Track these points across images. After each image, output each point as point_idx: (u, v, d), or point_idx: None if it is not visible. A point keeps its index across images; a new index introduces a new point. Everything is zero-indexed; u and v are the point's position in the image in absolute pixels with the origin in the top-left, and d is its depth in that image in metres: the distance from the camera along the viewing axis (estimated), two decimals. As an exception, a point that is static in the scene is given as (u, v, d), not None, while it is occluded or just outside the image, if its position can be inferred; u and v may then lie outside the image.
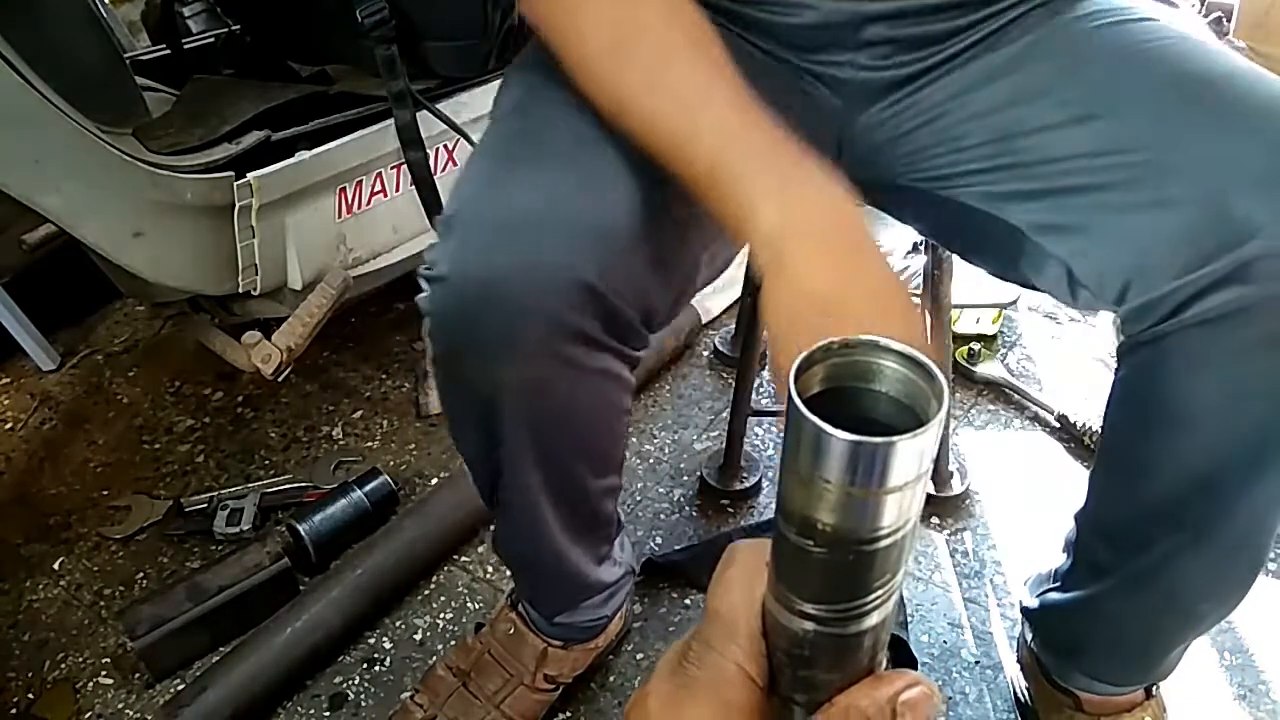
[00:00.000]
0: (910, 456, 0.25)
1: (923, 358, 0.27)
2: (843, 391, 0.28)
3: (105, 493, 1.31)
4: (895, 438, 0.24)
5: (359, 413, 1.43)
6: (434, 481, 1.31)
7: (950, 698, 1.02)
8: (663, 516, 1.25)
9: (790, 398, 0.25)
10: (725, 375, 1.46)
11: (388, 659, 1.09)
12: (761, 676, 0.33)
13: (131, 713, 1.04)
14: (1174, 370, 0.64)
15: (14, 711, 1.04)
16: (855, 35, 0.74)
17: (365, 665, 1.08)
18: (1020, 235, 0.70)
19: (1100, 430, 0.77)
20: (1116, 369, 0.70)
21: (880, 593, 0.29)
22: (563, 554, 0.84)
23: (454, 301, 0.63)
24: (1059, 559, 0.89)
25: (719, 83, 0.61)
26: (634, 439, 1.34)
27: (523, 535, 0.83)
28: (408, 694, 1.01)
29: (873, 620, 0.30)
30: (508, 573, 1.18)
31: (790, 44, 0.76)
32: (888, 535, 0.27)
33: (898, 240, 1.22)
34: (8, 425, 1.44)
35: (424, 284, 0.65)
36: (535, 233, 0.61)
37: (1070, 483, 1.25)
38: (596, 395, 0.70)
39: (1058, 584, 0.88)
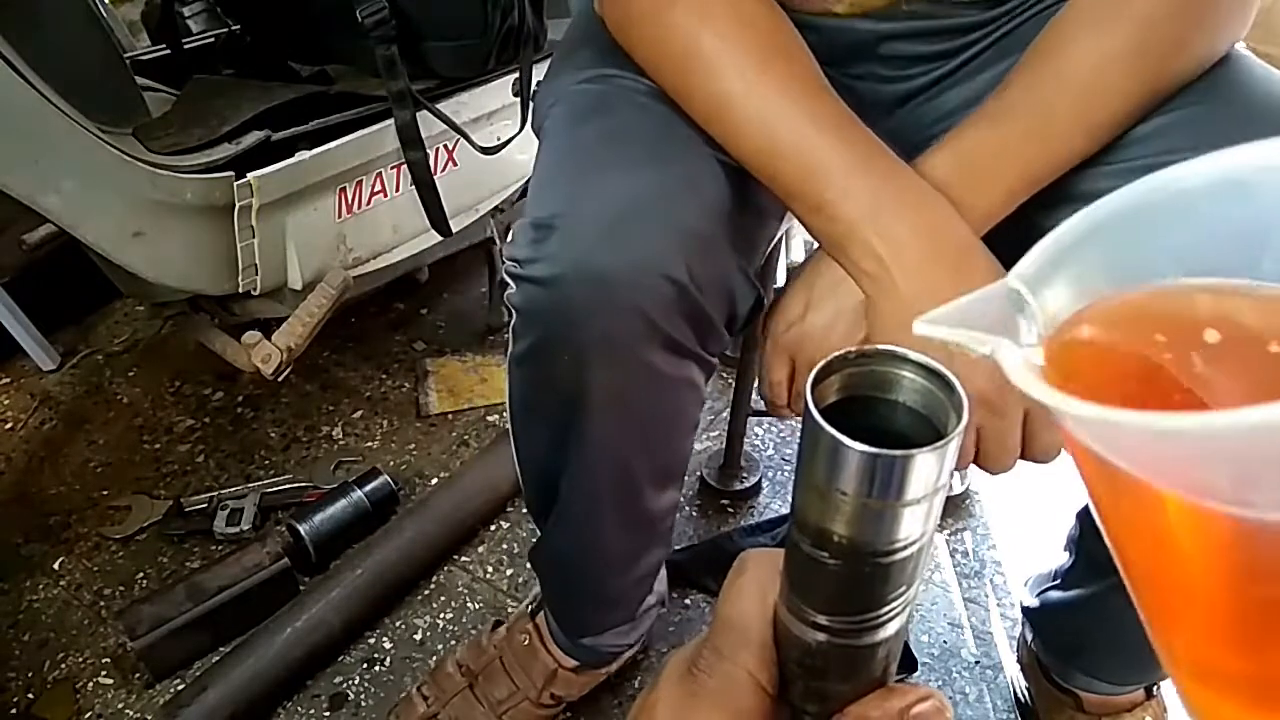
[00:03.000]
0: (929, 469, 0.24)
1: (942, 369, 0.26)
2: (859, 401, 0.27)
3: (105, 493, 1.31)
4: (914, 450, 0.24)
5: (359, 413, 1.43)
6: (434, 481, 1.31)
7: (950, 698, 1.02)
8: (663, 516, 1.25)
9: (806, 407, 0.25)
10: (725, 375, 1.46)
11: (388, 659, 1.09)
12: (772, 685, 0.32)
13: (131, 713, 1.04)
14: None
15: (14, 711, 1.04)
16: (873, 50, 0.74)
17: (365, 665, 1.08)
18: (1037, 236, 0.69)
19: None
20: None
21: (895, 605, 0.29)
22: (610, 573, 0.83)
23: (556, 300, 0.62)
24: (1060, 558, 0.89)
25: (799, 94, 0.62)
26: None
27: (575, 548, 0.81)
28: (415, 685, 1.01)
29: (886, 632, 0.30)
30: (508, 573, 1.18)
31: None
32: (904, 548, 0.26)
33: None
34: (8, 425, 1.43)
35: (514, 283, 0.64)
36: (640, 232, 0.61)
37: (1070, 482, 1.25)
38: (675, 404, 0.70)
39: (1058, 582, 0.87)
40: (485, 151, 1.28)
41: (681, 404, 0.70)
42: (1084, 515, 0.82)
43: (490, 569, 1.19)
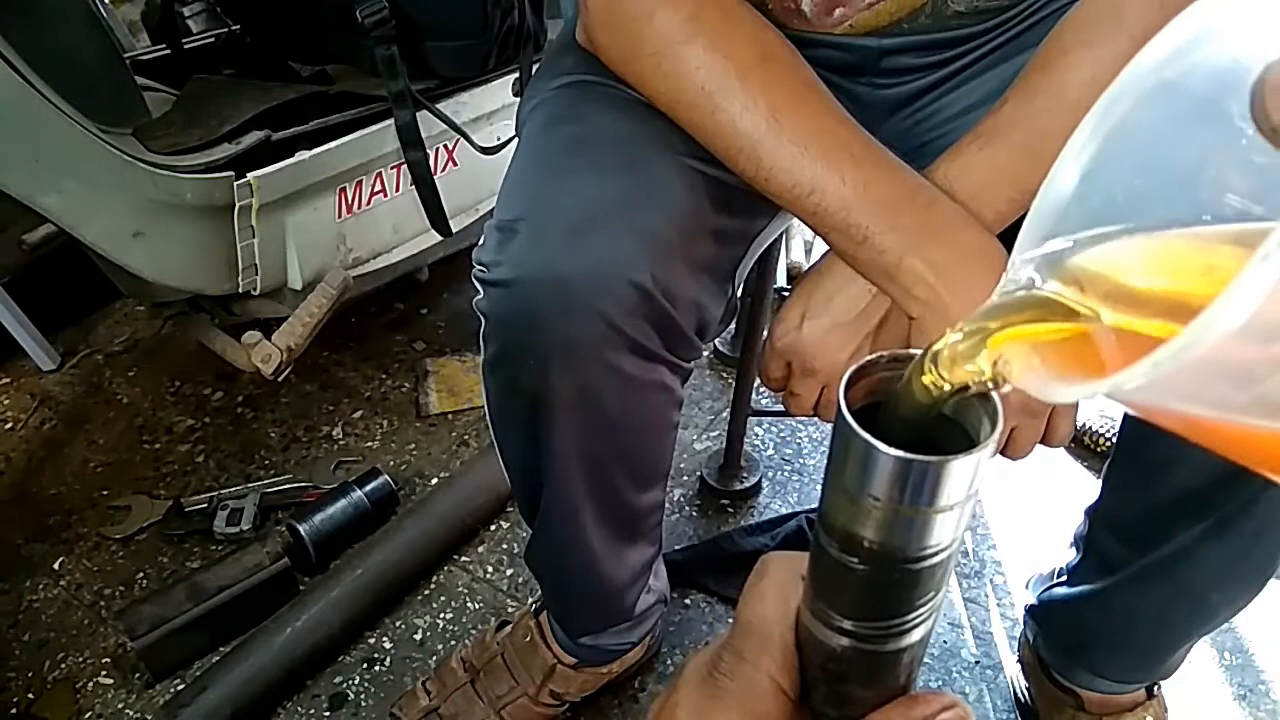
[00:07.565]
0: (963, 476, 0.24)
1: None
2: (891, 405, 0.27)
3: (105, 493, 1.31)
4: (949, 457, 0.23)
5: (359, 413, 1.43)
6: (434, 481, 1.31)
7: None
8: (663, 516, 1.25)
9: (840, 411, 0.25)
10: (725, 375, 1.46)
11: (388, 659, 1.09)
12: (794, 690, 0.32)
13: (131, 713, 1.04)
14: None
15: (14, 711, 1.04)
16: (875, 64, 0.74)
17: (365, 665, 1.08)
18: None
19: (1118, 429, 0.78)
20: None
21: (921, 611, 0.28)
22: (598, 573, 0.82)
23: (517, 305, 0.62)
24: (1066, 556, 0.89)
25: (833, 130, 0.62)
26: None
27: (560, 549, 0.81)
28: (420, 679, 1.01)
29: (912, 638, 0.29)
30: (508, 573, 1.18)
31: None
32: (935, 554, 0.26)
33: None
34: (8, 425, 1.43)
35: (481, 287, 0.64)
36: (601, 237, 0.60)
37: (1070, 482, 1.25)
38: (646, 407, 0.70)
39: (1064, 579, 0.88)
40: (485, 151, 1.29)
41: (653, 406, 0.70)
42: (1093, 513, 0.82)
43: (490, 569, 1.19)
